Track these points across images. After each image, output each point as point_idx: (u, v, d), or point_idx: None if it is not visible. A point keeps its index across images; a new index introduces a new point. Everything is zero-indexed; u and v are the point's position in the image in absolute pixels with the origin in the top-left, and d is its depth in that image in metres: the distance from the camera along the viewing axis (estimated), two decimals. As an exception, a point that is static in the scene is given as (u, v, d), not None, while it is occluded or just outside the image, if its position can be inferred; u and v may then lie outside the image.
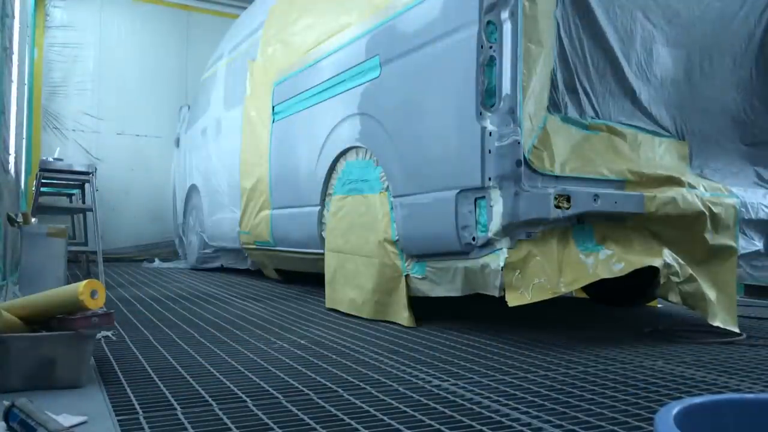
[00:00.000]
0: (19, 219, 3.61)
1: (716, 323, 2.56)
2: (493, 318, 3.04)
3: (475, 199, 2.43)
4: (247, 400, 1.59)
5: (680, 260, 2.54)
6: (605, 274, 2.40)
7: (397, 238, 2.87)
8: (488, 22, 2.39)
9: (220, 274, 5.74)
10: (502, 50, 2.37)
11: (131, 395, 1.62)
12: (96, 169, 4.89)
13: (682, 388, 1.80)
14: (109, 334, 2.48)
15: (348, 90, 3.30)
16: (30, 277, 3.29)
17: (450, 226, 2.50)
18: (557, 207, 2.33)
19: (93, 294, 1.70)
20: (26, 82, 6.13)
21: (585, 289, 3.82)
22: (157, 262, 7.02)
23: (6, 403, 1.32)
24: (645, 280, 3.04)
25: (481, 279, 2.48)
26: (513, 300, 2.33)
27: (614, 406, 1.58)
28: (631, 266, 2.42)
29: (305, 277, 4.97)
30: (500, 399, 1.64)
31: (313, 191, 3.64)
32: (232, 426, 1.37)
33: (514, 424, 1.42)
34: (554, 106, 2.51)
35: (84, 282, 1.71)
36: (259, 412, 1.48)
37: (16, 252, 4.34)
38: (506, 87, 2.36)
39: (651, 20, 2.75)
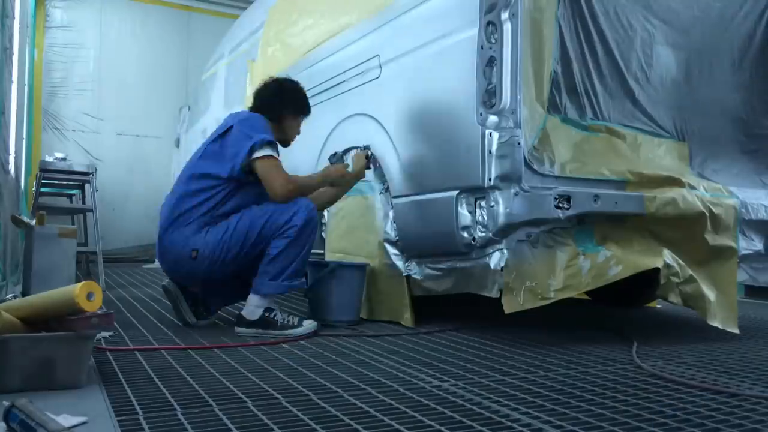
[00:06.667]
0: (27, 220, 3.62)
1: (716, 324, 2.56)
2: (493, 318, 3.04)
3: (475, 200, 2.43)
4: (247, 400, 1.59)
5: (680, 261, 2.53)
6: (597, 283, 2.39)
7: (397, 238, 2.87)
8: (488, 23, 2.39)
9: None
10: (503, 51, 2.37)
11: (131, 395, 1.62)
12: (96, 169, 4.90)
13: (683, 388, 1.79)
14: (106, 335, 2.47)
15: (348, 90, 3.30)
16: (42, 278, 3.33)
17: (450, 227, 2.50)
18: (557, 207, 2.33)
19: (89, 296, 1.68)
20: (26, 82, 6.13)
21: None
22: (157, 263, 7.01)
23: (6, 403, 1.31)
24: (645, 280, 3.04)
25: (481, 279, 2.48)
26: (509, 305, 2.33)
27: (614, 407, 1.58)
28: (630, 269, 2.41)
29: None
30: (500, 399, 1.64)
31: (313, 192, 3.63)
32: (232, 426, 1.37)
33: (514, 425, 1.42)
34: (554, 107, 2.51)
35: (80, 284, 1.70)
36: (259, 413, 1.48)
37: (17, 252, 4.34)
38: (506, 88, 2.36)
39: (651, 21, 2.75)
